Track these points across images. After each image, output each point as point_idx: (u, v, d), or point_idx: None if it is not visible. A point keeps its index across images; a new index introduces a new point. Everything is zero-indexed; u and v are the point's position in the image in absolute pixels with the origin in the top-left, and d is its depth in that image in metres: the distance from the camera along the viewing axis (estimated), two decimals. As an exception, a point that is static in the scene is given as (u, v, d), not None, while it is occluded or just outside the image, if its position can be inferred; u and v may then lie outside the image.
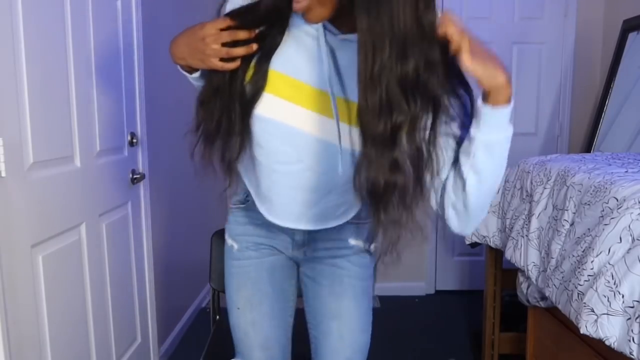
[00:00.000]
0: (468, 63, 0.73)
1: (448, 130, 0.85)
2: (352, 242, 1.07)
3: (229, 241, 1.15)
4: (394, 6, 0.72)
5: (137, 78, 1.93)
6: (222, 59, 0.88)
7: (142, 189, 2.01)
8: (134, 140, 1.90)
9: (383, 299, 3.08)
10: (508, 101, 0.78)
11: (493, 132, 0.80)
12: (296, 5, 0.80)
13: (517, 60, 3.08)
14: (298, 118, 0.90)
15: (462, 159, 0.84)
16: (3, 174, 1.17)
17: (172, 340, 2.44)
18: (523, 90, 3.11)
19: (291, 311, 1.18)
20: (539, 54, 3.08)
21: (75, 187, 1.50)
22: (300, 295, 1.18)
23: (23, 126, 1.25)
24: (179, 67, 0.98)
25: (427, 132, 0.81)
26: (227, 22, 0.87)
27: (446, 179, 0.87)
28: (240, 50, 0.87)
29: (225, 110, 0.91)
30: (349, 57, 0.84)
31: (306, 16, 0.81)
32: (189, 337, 2.61)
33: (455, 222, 0.89)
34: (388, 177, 0.79)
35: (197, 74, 0.97)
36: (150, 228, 2.08)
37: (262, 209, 1.04)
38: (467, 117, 0.83)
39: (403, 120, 0.76)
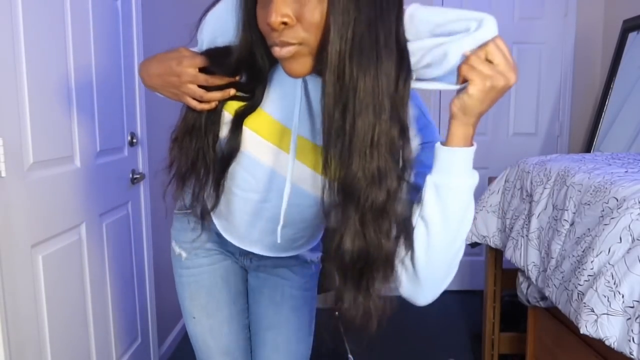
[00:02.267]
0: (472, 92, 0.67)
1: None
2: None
3: (176, 249, 1.12)
4: (385, 66, 0.66)
5: (137, 78, 1.93)
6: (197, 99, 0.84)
7: (142, 189, 2.01)
8: (134, 140, 1.90)
9: (383, 299, 3.08)
10: (465, 144, 0.70)
11: (445, 174, 0.70)
12: (280, 52, 0.70)
13: (517, 60, 3.06)
14: (264, 152, 0.86)
15: (415, 208, 0.75)
16: (3, 174, 1.17)
17: (172, 340, 2.44)
18: (523, 90, 3.11)
19: (247, 313, 1.17)
20: (539, 54, 3.08)
21: (75, 187, 1.50)
22: None
23: (23, 126, 1.25)
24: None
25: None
26: (205, 62, 0.81)
27: None
28: (215, 95, 0.82)
29: (200, 153, 0.87)
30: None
31: (287, 66, 0.72)
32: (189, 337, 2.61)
33: (404, 283, 0.77)
34: (382, 248, 0.71)
35: None
36: (150, 228, 2.08)
37: (218, 225, 1.02)
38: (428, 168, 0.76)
39: (396, 187, 0.70)
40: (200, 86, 0.82)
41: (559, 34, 3.06)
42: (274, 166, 0.86)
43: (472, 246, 2.11)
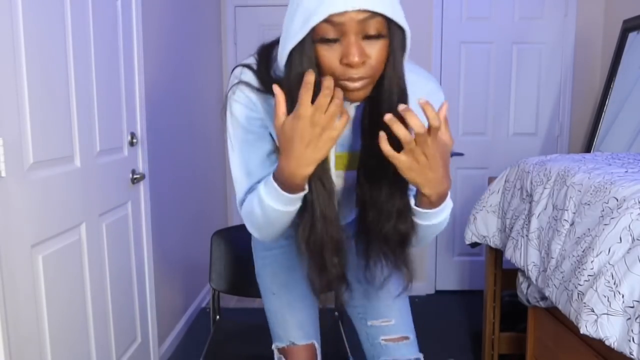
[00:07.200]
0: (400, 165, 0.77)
1: None
2: None
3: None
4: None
5: (137, 78, 1.93)
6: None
7: (142, 189, 2.01)
8: (134, 140, 1.90)
9: (383, 299, 3.08)
10: (434, 205, 0.86)
11: (425, 220, 0.90)
12: (353, 84, 0.80)
13: (517, 60, 3.08)
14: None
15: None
16: (3, 174, 1.17)
17: (172, 340, 2.44)
18: (523, 90, 3.12)
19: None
20: (539, 54, 3.08)
21: (75, 187, 1.50)
22: None
23: (23, 126, 1.25)
24: (282, 195, 0.85)
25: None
26: (309, 85, 0.75)
27: None
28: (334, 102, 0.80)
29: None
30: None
31: (355, 95, 0.82)
32: (189, 337, 2.61)
33: None
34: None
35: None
36: (150, 228, 2.08)
37: None
38: None
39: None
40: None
41: (558, 34, 3.06)
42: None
43: (472, 246, 2.11)
